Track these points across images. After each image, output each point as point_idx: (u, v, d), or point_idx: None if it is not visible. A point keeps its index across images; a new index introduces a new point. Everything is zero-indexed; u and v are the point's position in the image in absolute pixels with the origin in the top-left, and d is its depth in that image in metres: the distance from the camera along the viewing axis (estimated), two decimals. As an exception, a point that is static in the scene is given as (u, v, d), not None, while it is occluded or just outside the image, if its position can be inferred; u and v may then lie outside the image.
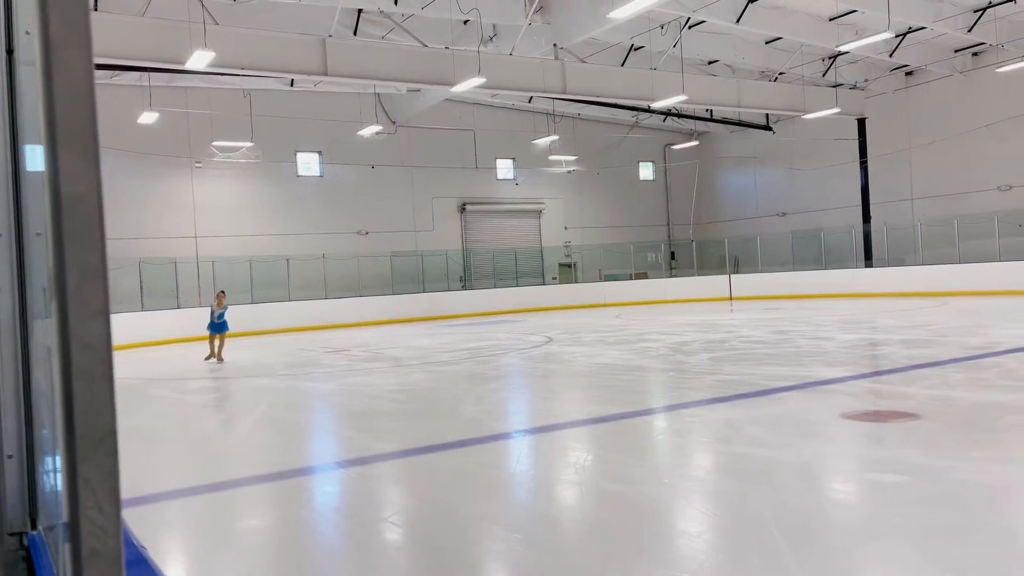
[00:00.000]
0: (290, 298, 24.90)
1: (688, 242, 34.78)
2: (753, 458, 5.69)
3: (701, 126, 34.31)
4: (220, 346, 14.93)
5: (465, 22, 20.86)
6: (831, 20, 21.83)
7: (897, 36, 22.90)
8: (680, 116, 32.29)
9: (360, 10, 19.77)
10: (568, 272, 33.49)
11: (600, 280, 31.88)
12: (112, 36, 16.11)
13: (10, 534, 2.91)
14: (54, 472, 1.98)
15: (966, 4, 21.54)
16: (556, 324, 21.03)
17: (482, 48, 20.20)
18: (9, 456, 2.87)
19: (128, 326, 20.04)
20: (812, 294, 26.59)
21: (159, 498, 5.50)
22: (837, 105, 26.05)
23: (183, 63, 16.34)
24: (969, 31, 22.14)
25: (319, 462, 6.77)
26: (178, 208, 26.02)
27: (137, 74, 21.98)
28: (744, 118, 31.85)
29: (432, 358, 14.06)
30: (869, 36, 19.23)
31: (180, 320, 21.96)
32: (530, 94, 25.06)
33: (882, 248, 28.28)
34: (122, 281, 22.81)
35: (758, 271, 30.11)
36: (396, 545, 4.31)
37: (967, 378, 8.56)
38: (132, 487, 5.49)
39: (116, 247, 22.87)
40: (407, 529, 4.64)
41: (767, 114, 31.10)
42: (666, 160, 36.77)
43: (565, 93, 22.68)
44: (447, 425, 7.80)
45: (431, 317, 26.26)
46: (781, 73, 26.39)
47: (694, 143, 34.94)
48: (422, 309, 26.49)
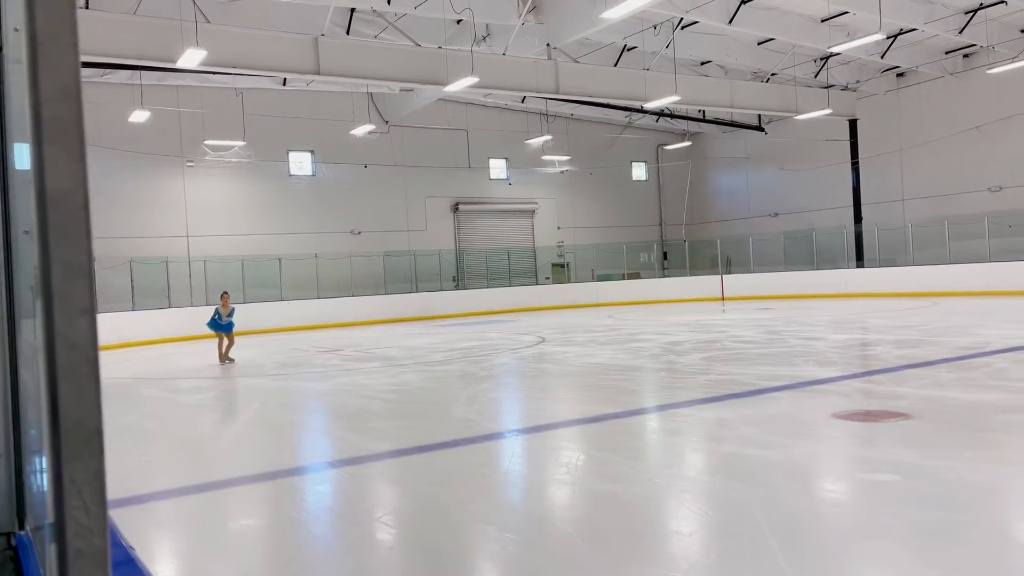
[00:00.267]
0: (282, 298, 24.83)
1: (680, 242, 34.84)
2: (745, 458, 5.70)
3: (694, 126, 34.37)
4: (228, 346, 14.67)
5: (458, 22, 20.85)
6: (823, 21, 21.90)
7: (888, 37, 22.99)
8: (673, 116, 32.34)
9: (353, 9, 19.74)
10: (561, 272, 33.51)
11: (593, 280, 31.91)
12: (103, 34, 16.03)
13: (-2, 534, 2.89)
14: (41, 472, 1.97)
15: (957, 6, 21.64)
16: (549, 324, 21.03)
17: (475, 48, 20.19)
18: (-3, 456, 2.85)
19: (119, 326, 19.97)
20: (804, 294, 26.67)
21: (149, 498, 5.48)
22: (829, 106, 26.14)
23: (175, 62, 16.28)
24: (960, 32, 22.25)
25: (311, 462, 6.75)
26: (169, 207, 25.92)
27: (128, 72, 21.88)
28: (736, 119, 31.92)
29: (425, 358, 14.04)
30: (861, 37, 19.30)
31: (171, 320, 21.89)
32: (523, 94, 25.05)
33: (873, 248, 28.38)
34: (113, 280, 22.70)
35: (750, 271, 30.18)
36: (388, 545, 4.30)
37: (958, 378, 8.60)
38: (122, 487, 5.46)
39: (107, 246, 22.77)
40: (399, 529, 4.63)
41: (759, 115, 31.18)
42: (659, 160, 36.83)
43: (558, 93, 22.68)
44: (440, 425, 7.79)
45: (424, 317, 26.23)
46: (773, 74, 26.46)
47: (687, 143, 35.00)
48: (415, 309, 26.46)
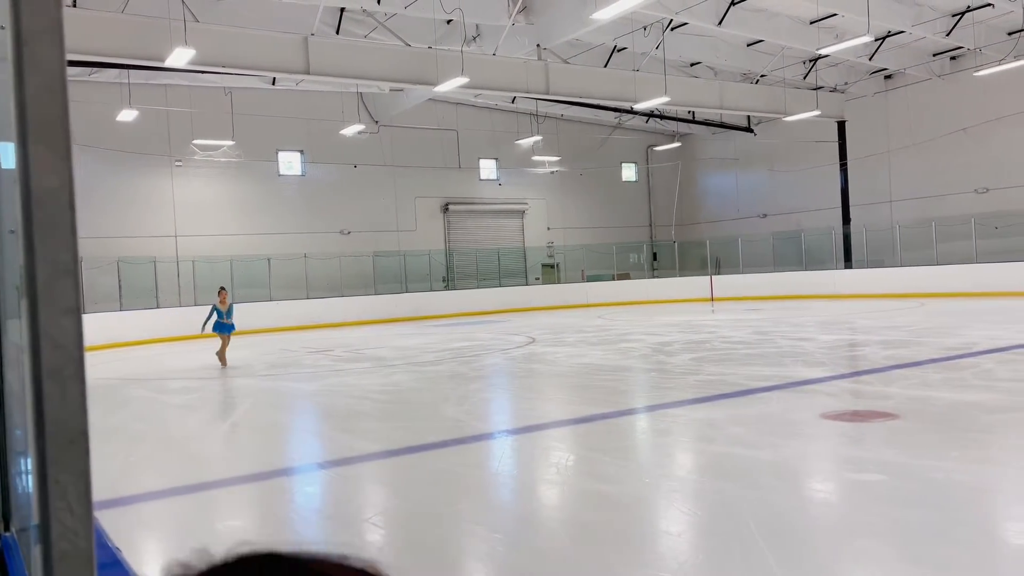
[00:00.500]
0: (271, 298, 24.73)
1: (670, 243, 34.91)
2: (734, 457, 5.72)
3: (683, 128, 34.45)
4: (223, 347, 13.97)
5: (448, 22, 20.82)
6: (812, 23, 21.99)
7: (876, 40, 23.11)
8: (662, 117, 32.41)
9: (343, 9, 19.68)
10: (551, 272, 33.52)
11: (583, 281, 31.95)
12: (91, 33, 15.92)
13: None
14: (26, 474, 1.95)
15: (944, 8, 21.78)
16: (539, 324, 21.04)
17: (465, 48, 20.17)
18: (-18, 457, 2.82)
19: (107, 326, 19.84)
20: (792, 295, 26.78)
21: (137, 499, 5.44)
22: (817, 108, 26.26)
23: (163, 60, 16.18)
24: (947, 35, 22.40)
25: (300, 463, 6.73)
26: (158, 207, 25.77)
27: (116, 71, 21.74)
28: (726, 120, 32.01)
29: (415, 358, 14.02)
30: (849, 40, 19.40)
31: (159, 320, 21.77)
32: (513, 94, 25.04)
33: (861, 250, 28.52)
34: (100, 280, 22.56)
35: (739, 272, 30.28)
36: (378, 546, 4.29)
37: (945, 378, 8.66)
38: (110, 488, 5.42)
39: (94, 246, 22.62)
40: (389, 530, 4.62)
41: (748, 116, 31.28)
42: (648, 161, 36.89)
43: (548, 94, 22.69)
44: (430, 425, 7.78)
45: (414, 317, 26.19)
46: (762, 75, 26.56)
47: (676, 144, 35.08)
48: (405, 309, 26.41)
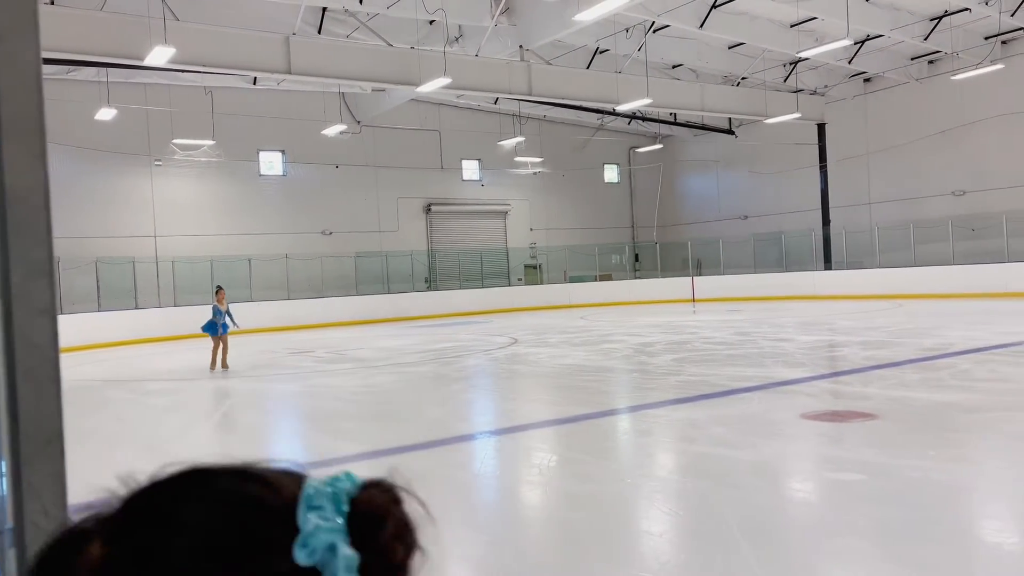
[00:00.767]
0: (252, 299, 24.55)
1: (652, 244, 35.05)
2: (715, 458, 5.75)
3: (665, 129, 34.59)
4: (225, 350, 13.62)
5: (431, 22, 20.78)
6: (792, 27, 22.17)
7: (856, 43, 23.33)
8: (644, 119, 32.53)
9: (325, 8, 19.59)
10: (534, 273, 33.53)
11: (565, 281, 31.99)
12: (69, 30, 15.73)
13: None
14: (0, 475, 1.93)
15: (922, 13, 22.04)
16: (522, 325, 21.05)
17: (448, 49, 20.14)
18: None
19: (85, 327, 19.62)
20: (773, 296, 26.96)
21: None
22: (798, 110, 26.46)
23: (142, 59, 16.01)
24: (925, 39, 22.66)
25: (280, 465, 6.68)
26: (137, 207, 25.52)
27: (95, 70, 21.49)
28: (707, 122, 32.19)
29: (397, 359, 13.98)
30: (829, 43, 19.58)
31: (139, 321, 21.57)
32: (496, 95, 25.02)
33: (841, 251, 28.78)
34: (78, 281, 22.30)
35: (720, 273, 30.46)
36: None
37: (922, 379, 8.75)
38: (86, 490, 5.36)
39: (72, 246, 22.36)
40: (370, 532, 4.59)
41: (730, 118, 31.46)
42: (631, 163, 37.02)
43: (531, 95, 22.70)
44: (412, 426, 7.76)
45: (396, 318, 26.11)
46: (743, 78, 26.73)
47: (658, 146, 35.22)
48: (387, 310, 26.32)
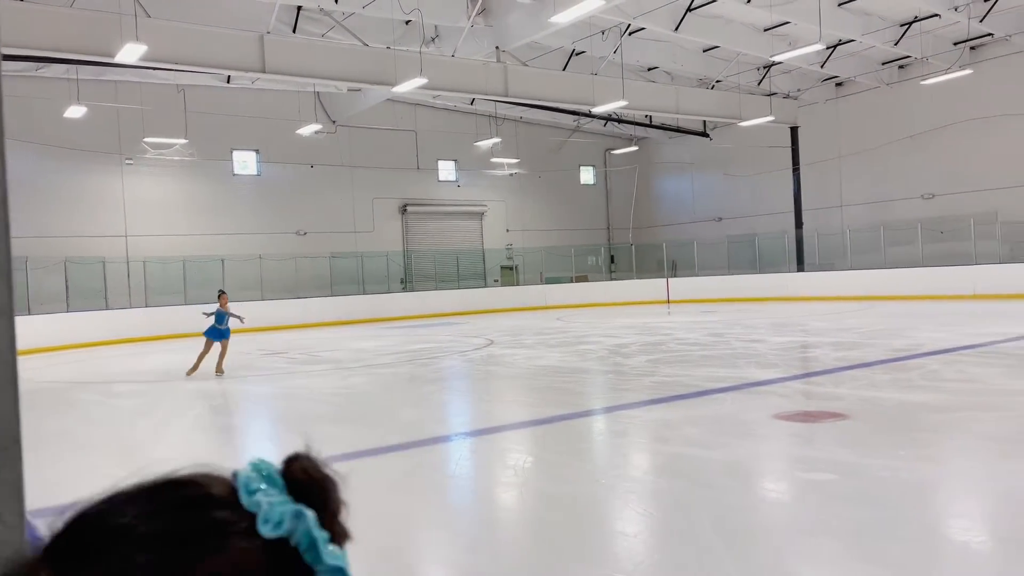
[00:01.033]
0: (225, 299, 24.27)
1: (627, 246, 35.21)
2: (689, 458, 5.79)
3: (640, 132, 34.78)
4: (223, 354, 13.03)
5: (407, 22, 20.71)
6: (766, 31, 22.41)
7: (828, 48, 23.63)
8: (620, 121, 32.68)
9: (300, 7, 19.44)
10: (510, 274, 33.54)
11: (541, 283, 32.03)
12: (38, 26, 15.45)
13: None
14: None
15: (893, 18, 22.37)
16: (497, 326, 21.04)
17: (424, 49, 20.08)
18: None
19: (52, 328, 19.30)
20: (746, 297, 27.21)
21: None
22: (771, 113, 26.74)
23: (113, 56, 15.78)
24: (896, 44, 23.01)
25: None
26: (107, 206, 25.14)
27: (64, 66, 21.14)
28: (682, 124, 32.42)
29: (372, 361, 13.91)
30: (801, 47, 19.81)
31: (108, 322, 21.25)
32: (472, 96, 25.01)
33: (813, 253, 29.13)
34: (46, 281, 21.93)
35: (695, 275, 30.68)
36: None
37: (893, 379, 8.87)
38: (50, 495, 5.26)
39: (40, 245, 21.98)
40: (344, 534, 4.56)
41: (704, 121, 31.71)
42: (606, 164, 37.18)
43: (507, 96, 22.71)
44: (387, 428, 7.73)
45: (371, 319, 25.98)
46: (718, 81, 26.96)
47: (633, 148, 35.39)
48: (362, 311, 26.17)
